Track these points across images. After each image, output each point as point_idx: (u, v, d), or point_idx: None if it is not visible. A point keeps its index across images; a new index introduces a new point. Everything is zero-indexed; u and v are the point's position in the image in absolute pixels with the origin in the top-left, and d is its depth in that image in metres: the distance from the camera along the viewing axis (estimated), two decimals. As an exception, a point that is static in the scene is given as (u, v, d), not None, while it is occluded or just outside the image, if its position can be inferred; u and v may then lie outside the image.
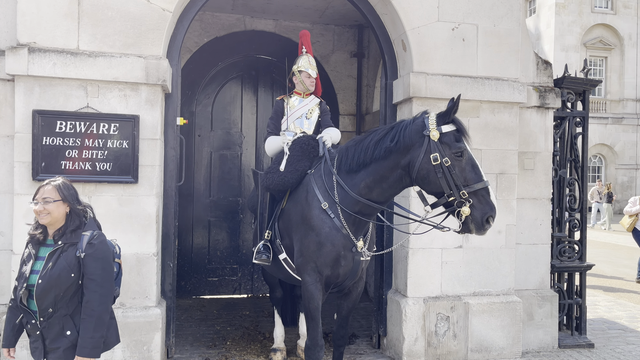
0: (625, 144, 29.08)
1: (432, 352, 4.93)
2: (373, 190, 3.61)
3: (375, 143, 3.56)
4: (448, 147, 3.32)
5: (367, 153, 3.58)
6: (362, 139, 3.72)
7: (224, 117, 7.48)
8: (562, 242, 5.71)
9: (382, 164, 3.54)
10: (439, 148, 3.31)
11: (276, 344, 5.01)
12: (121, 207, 4.38)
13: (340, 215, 3.69)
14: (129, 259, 4.38)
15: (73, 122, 4.24)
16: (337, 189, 3.73)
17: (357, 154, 3.65)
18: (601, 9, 29.11)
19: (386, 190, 3.60)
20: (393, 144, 3.47)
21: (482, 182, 3.27)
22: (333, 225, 3.71)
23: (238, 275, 7.55)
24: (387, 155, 3.50)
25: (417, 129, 3.43)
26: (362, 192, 3.63)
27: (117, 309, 4.33)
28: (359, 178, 3.64)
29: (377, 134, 3.61)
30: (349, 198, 3.66)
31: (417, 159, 3.38)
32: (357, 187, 3.64)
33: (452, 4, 4.99)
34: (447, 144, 3.32)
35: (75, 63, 4.24)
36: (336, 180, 3.73)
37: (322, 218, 3.74)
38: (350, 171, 3.70)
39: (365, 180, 3.61)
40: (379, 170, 3.56)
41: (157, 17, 4.44)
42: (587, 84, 5.78)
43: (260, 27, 7.49)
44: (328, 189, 3.76)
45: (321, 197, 3.77)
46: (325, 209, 3.73)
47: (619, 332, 6.26)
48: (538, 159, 5.47)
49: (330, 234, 3.70)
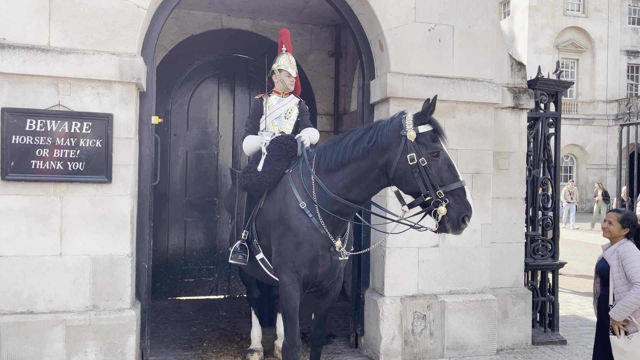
0: (596, 144, 29.79)
1: (409, 351, 4.96)
2: (351, 190, 3.61)
3: (353, 143, 3.57)
4: (424, 147, 3.34)
5: (346, 153, 3.59)
6: (340, 138, 3.72)
7: (200, 116, 7.40)
8: (536, 240, 5.81)
9: (360, 164, 3.55)
10: (416, 148, 3.34)
11: (253, 345, 4.97)
12: (94, 207, 4.29)
13: (318, 214, 3.68)
14: (102, 260, 4.30)
15: (44, 121, 4.14)
16: (316, 189, 3.72)
17: (336, 153, 3.66)
18: (573, 12, 29.76)
19: (364, 190, 3.61)
20: (371, 144, 3.49)
21: (458, 182, 3.30)
22: (311, 225, 3.70)
23: (215, 275, 7.48)
24: (365, 156, 3.52)
25: (394, 129, 3.45)
26: (340, 192, 3.63)
27: (89, 311, 4.26)
28: (337, 178, 3.64)
29: (355, 134, 3.62)
30: (327, 198, 3.66)
31: (394, 159, 3.40)
32: (335, 187, 3.64)
33: (428, 5, 5.03)
34: (424, 144, 3.35)
35: (46, 60, 4.14)
36: (314, 180, 3.73)
37: (300, 218, 3.72)
38: (329, 171, 3.70)
39: (344, 180, 3.62)
40: (357, 170, 3.56)
41: (131, 13, 4.36)
42: (559, 85, 5.90)
43: (237, 25, 7.44)
44: (306, 189, 3.75)
45: (299, 196, 3.76)
46: (304, 208, 3.71)
47: (591, 328, 6.38)
48: (512, 159, 5.56)
49: (308, 233, 3.69)
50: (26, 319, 4.13)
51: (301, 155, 4.02)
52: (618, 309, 3.64)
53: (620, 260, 3.71)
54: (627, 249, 3.72)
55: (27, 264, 4.16)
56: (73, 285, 4.25)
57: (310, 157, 3.89)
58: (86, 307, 4.28)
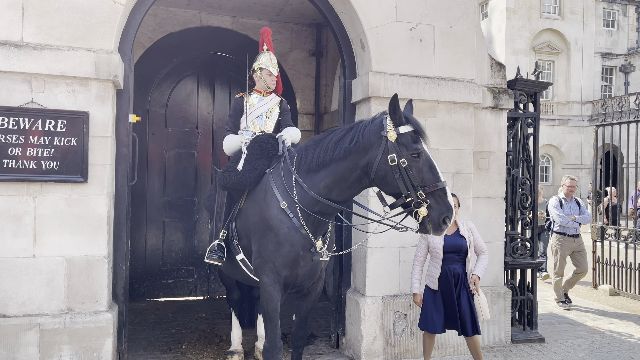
0: (571, 144, 30.37)
1: (390, 351, 4.96)
2: (333, 191, 3.58)
3: (334, 143, 3.54)
4: (405, 147, 3.32)
5: (327, 153, 3.55)
6: (322, 138, 3.68)
7: (179, 114, 7.29)
8: (515, 239, 5.87)
9: (341, 164, 3.52)
10: (397, 149, 3.31)
11: (233, 347, 4.91)
12: (69, 207, 4.18)
13: (299, 215, 3.64)
14: (78, 261, 4.19)
15: (16, 118, 4.01)
16: (297, 189, 3.68)
17: (317, 153, 3.62)
18: (549, 14, 30.28)
19: (345, 191, 3.58)
20: (352, 144, 3.46)
21: (439, 183, 3.27)
22: (292, 225, 3.65)
23: (194, 276, 7.38)
24: (346, 156, 3.49)
25: (375, 129, 3.42)
26: (321, 192, 3.59)
27: (64, 314, 4.15)
28: (319, 178, 3.61)
29: (336, 134, 3.59)
30: (309, 197, 3.62)
31: (375, 160, 3.38)
32: (316, 187, 3.60)
33: (410, 4, 5.03)
34: (404, 144, 3.33)
35: (19, 56, 4.02)
36: (295, 180, 3.68)
37: (280, 218, 3.68)
38: (310, 171, 3.66)
39: (325, 181, 3.58)
40: (339, 170, 3.53)
41: (108, 9, 4.26)
42: (538, 86, 5.96)
43: (217, 23, 7.35)
44: (287, 188, 3.71)
45: (280, 196, 3.71)
46: (284, 208, 3.67)
47: (568, 326, 6.48)
48: (492, 159, 5.59)
49: (289, 234, 3.65)
50: (-2, 323, 4.00)
51: (282, 154, 3.98)
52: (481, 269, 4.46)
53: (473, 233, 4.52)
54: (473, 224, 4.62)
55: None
56: (47, 287, 4.13)
57: (292, 157, 3.85)
58: (61, 310, 4.16)
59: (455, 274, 4.38)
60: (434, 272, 4.43)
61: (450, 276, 4.36)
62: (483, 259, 4.51)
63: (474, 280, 4.40)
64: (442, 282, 4.39)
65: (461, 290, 4.37)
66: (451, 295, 4.36)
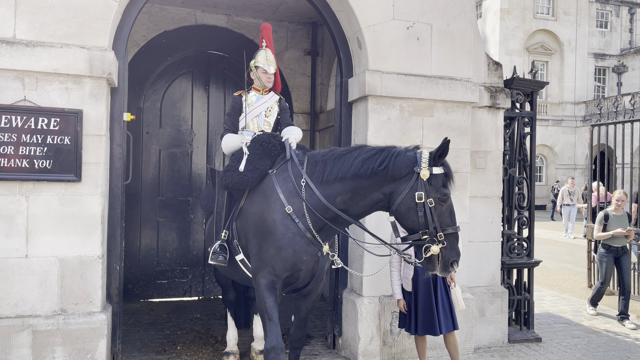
0: (564, 145, 30.49)
1: (387, 351, 4.93)
2: (348, 204, 3.56)
3: (362, 161, 3.50)
4: (435, 189, 3.33)
5: (350, 168, 3.52)
6: (344, 154, 3.63)
7: (173, 113, 7.23)
8: (512, 239, 5.85)
9: (363, 182, 3.48)
10: (426, 188, 3.32)
11: (229, 348, 4.86)
12: (63, 207, 4.11)
13: (307, 219, 3.59)
14: (71, 262, 4.13)
15: (8, 116, 3.95)
16: (307, 193, 3.63)
17: (337, 167, 3.57)
18: (543, 15, 30.39)
19: (360, 208, 3.57)
20: (381, 168, 3.43)
21: (454, 227, 3.34)
22: (297, 230, 3.60)
23: (188, 277, 7.32)
24: (372, 177, 3.46)
25: (407, 162, 3.40)
26: (337, 205, 3.58)
27: (57, 315, 4.09)
28: (335, 190, 3.56)
29: (363, 152, 3.55)
30: (320, 205, 3.58)
31: (401, 192, 3.37)
32: (331, 198, 3.57)
33: (407, 2, 5.00)
34: (435, 186, 3.34)
35: (11, 53, 3.95)
36: (305, 184, 3.64)
37: (285, 223, 3.63)
38: (324, 182, 3.61)
39: (342, 195, 3.55)
40: (359, 187, 3.50)
41: (102, 6, 4.20)
42: (534, 85, 5.95)
43: (212, 22, 7.29)
44: (297, 193, 3.65)
45: (285, 200, 3.66)
46: (290, 213, 3.62)
47: (565, 326, 6.48)
48: (489, 158, 5.57)
49: (293, 239, 3.60)
50: (-11, 325, 3.93)
51: (289, 157, 3.91)
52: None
53: None
54: None
55: (-10, 266, 3.96)
56: (40, 288, 4.07)
57: (301, 161, 3.80)
58: (54, 311, 4.10)
59: None
60: (407, 273, 4.39)
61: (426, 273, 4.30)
62: None
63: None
64: (417, 281, 4.34)
65: (439, 286, 4.33)
66: (428, 293, 4.30)
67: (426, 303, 4.31)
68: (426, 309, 4.31)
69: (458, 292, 4.41)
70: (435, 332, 4.32)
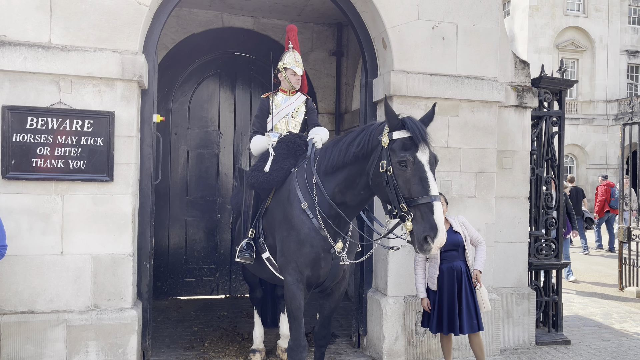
0: (595, 144, 29.74)
1: (412, 351, 4.93)
2: (346, 195, 3.55)
3: (347, 146, 3.45)
4: (395, 154, 3.10)
5: (339, 156, 3.49)
6: (339, 140, 3.64)
7: (201, 115, 7.36)
8: (539, 240, 5.78)
9: (351, 169, 3.44)
10: (387, 155, 3.13)
11: (255, 345, 4.93)
12: (95, 206, 4.25)
13: (318, 216, 3.63)
14: (104, 259, 4.26)
15: (45, 119, 4.10)
16: (317, 190, 3.67)
17: (334, 156, 3.56)
18: (573, 11, 29.71)
19: (357, 196, 3.51)
20: (358, 149, 3.35)
21: (426, 197, 2.98)
22: (312, 226, 3.65)
23: (216, 275, 7.44)
24: (355, 161, 3.40)
25: (377, 133, 3.28)
26: (336, 196, 3.58)
27: (90, 311, 4.22)
28: (335, 181, 3.58)
29: (349, 137, 3.51)
30: (326, 201, 3.61)
31: (371, 166, 3.26)
32: (331, 190, 3.58)
33: (432, 2, 4.99)
34: (395, 151, 3.11)
35: (47, 57, 4.10)
36: (315, 182, 3.68)
37: (302, 218, 3.68)
38: (327, 173, 3.64)
39: (339, 185, 3.55)
40: (349, 175, 3.48)
41: (133, 11, 4.33)
42: (563, 83, 5.86)
43: (238, 24, 7.40)
44: (308, 190, 3.71)
45: (302, 197, 3.72)
46: (305, 209, 3.67)
47: (594, 328, 6.36)
48: (516, 158, 5.52)
49: (309, 235, 3.65)
50: (27, 319, 4.09)
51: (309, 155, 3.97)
52: (481, 262, 4.40)
53: (466, 227, 4.46)
54: (464, 218, 4.59)
55: (27, 263, 4.12)
56: (74, 284, 4.21)
57: (315, 157, 3.85)
58: (87, 306, 4.24)
59: (458, 270, 4.32)
60: (433, 272, 4.39)
61: (452, 273, 4.30)
62: (481, 251, 4.45)
63: (475, 275, 4.36)
64: (443, 281, 4.32)
65: (464, 286, 4.31)
66: (452, 293, 4.29)
67: (450, 302, 4.30)
68: (450, 308, 4.30)
69: (484, 292, 4.39)
70: (456, 331, 4.30)
